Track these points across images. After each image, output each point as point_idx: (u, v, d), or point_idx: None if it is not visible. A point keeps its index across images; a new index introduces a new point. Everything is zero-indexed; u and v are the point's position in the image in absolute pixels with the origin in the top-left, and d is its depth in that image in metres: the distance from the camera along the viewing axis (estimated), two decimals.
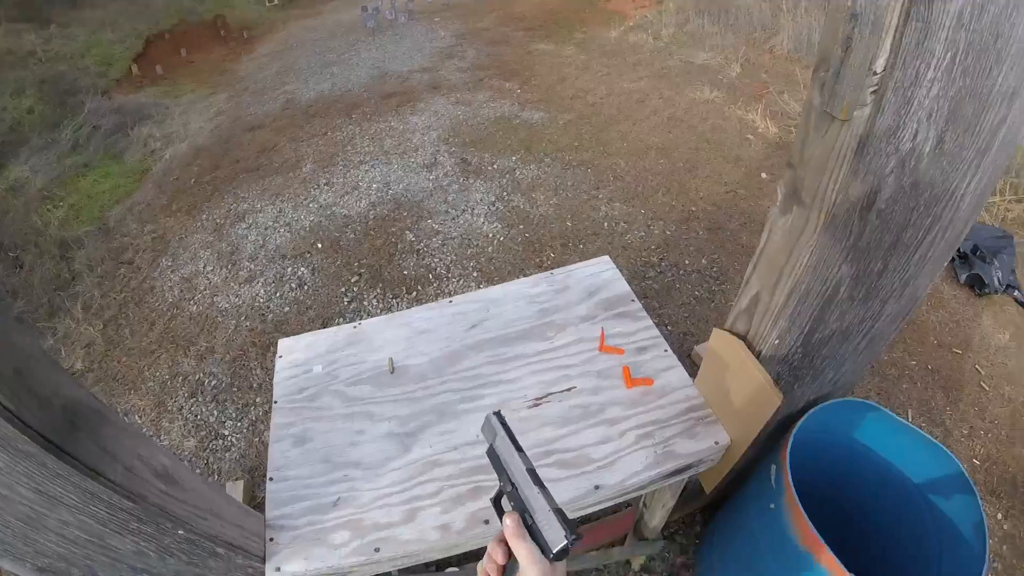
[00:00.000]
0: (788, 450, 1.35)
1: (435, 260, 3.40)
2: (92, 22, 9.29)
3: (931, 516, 1.58)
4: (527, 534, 0.63)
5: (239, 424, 2.74)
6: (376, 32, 8.28)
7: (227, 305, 3.39)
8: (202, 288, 3.55)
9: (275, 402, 1.45)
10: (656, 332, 1.53)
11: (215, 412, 2.78)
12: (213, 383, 2.96)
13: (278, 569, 1.13)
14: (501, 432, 0.72)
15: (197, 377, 3.00)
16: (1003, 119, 0.87)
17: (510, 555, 0.65)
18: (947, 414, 2.96)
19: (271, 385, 1.51)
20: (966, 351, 3.26)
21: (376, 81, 6.27)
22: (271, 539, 1.17)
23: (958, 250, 3.37)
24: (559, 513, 0.61)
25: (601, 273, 1.69)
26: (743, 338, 1.27)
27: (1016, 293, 3.50)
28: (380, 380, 1.45)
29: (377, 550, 1.13)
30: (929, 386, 3.03)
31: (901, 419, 1.52)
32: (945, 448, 1.54)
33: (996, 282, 3.40)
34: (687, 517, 2.20)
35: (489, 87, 5.73)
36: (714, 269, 3.33)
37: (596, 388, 1.37)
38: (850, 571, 1.19)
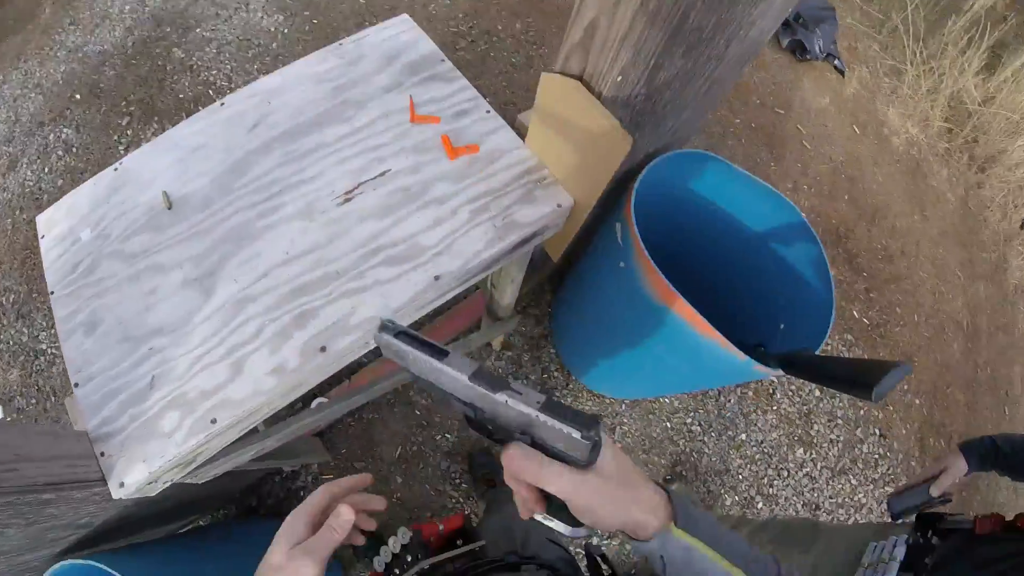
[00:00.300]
0: (632, 205, 1.25)
1: (213, 73, 2.85)
2: None
3: (776, 266, 1.60)
4: (540, 456, 0.46)
5: (54, 332, 2.37)
6: None
7: None
8: None
9: (51, 293, 1.15)
10: (474, 92, 1.30)
11: (24, 330, 2.40)
12: (11, 299, 2.51)
13: (121, 484, 0.96)
14: (407, 348, 0.48)
15: None
16: None
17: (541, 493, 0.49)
18: (772, 170, 3.10)
19: None
20: (788, 112, 3.36)
21: None
22: (101, 453, 0.98)
23: None
24: (552, 408, 0.43)
25: (400, 35, 1.38)
26: (579, 79, 1.08)
27: (836, 62, 3.67)
28: (158, 222, 1.16)
29: (214, 421, 0.97)
30: (754, 143, 3.12)
31: (742, 169, 1.47)
32: (785, 197, 1.53)
33: (817, 49, 3.52)
34: (536, 288, 2.23)
35: None
36: (530, 33, 3.04)
37: (415, 166, 1.17)
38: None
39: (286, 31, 3.00)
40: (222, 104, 1.29)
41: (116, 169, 1.26)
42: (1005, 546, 1.02)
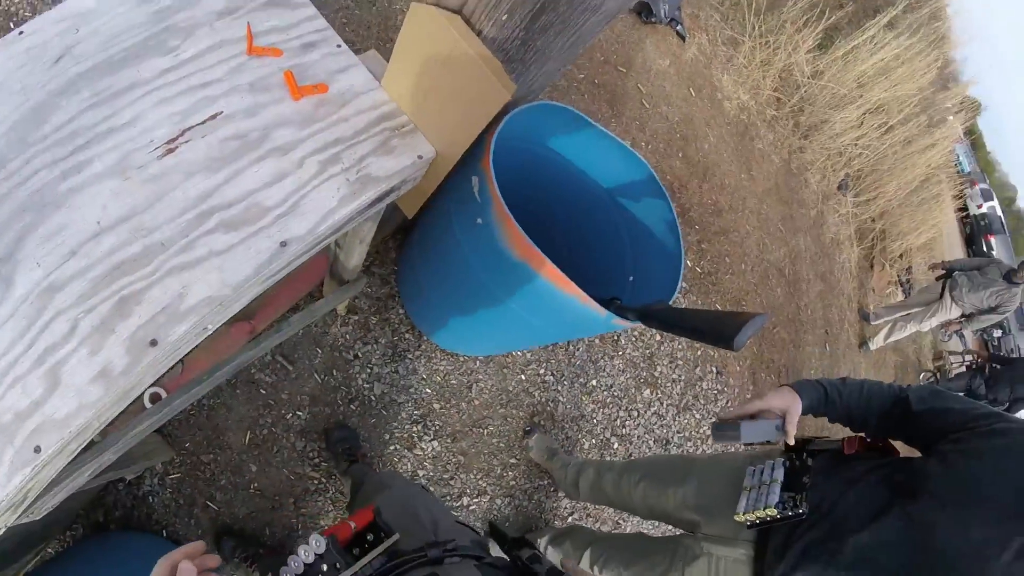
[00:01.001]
0: (491, 158, 1.18)
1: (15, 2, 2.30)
2: None
3: (625, 221, 1.63)
4: None
5: None
6: None
7: None
8: None
9: None
10: (324, 23, 1.15)
11: None
12: None
13: None
14: None
15: None
16: None
17: None
18: (612, 126, 3.21)
19: None
20: (629, 71, 3.44)
21: None
22: None
23: None
24: None
25: None
26: (459, 13, 0.98)
27: (679, 27, 3.85)
28: None
29: (38, 449, 0.77)
30: (596, 99, 3.17)
31: (598, 124, 1.45)
32: (638, 154, 1.53)
33: (663, 14, 3.66)
34: (379, 245, 2.10)
35: None
36: None
37: (252, 107, 1.00)
38: None
39: None
40: (20, 33, 0.99)
41: None
42: (868, 463, 1.15)
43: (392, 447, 2.02)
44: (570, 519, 2.38)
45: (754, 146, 4.42)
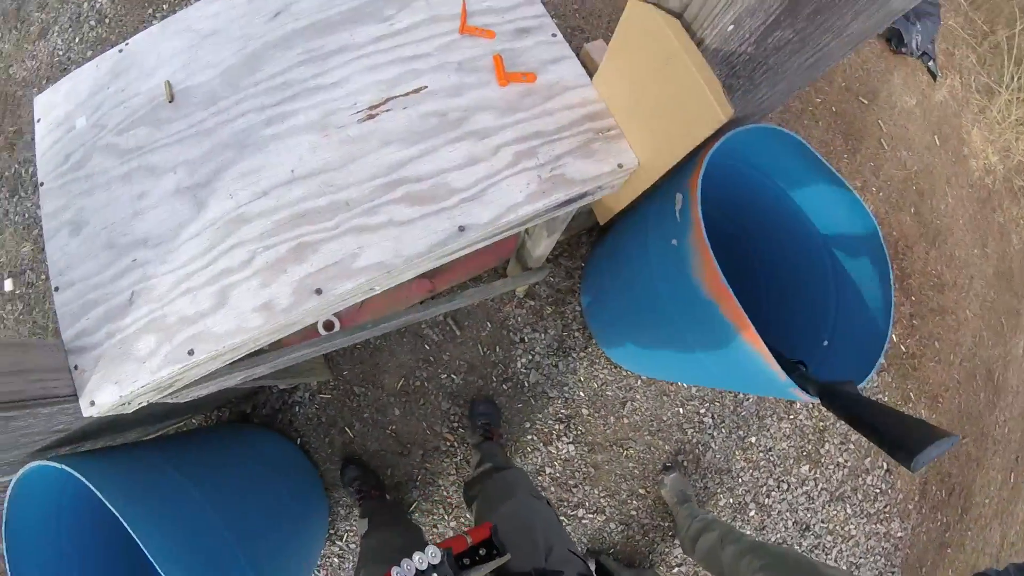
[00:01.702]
0: (699, 180, 1.04)
1: None
2: None
3: (835, 276, 1.45)
4: None
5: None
6: None
7: (25, 74, 2.64)
8: None
9: (40, 184, 1.02)
10: (542, 9, 1.09)
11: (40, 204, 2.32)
12: (31, 170, 2.42)
13: (92, 403, 0.86)
14: None
15: (13, 169, 2.46)
16: None
17: None
18: (844, 161, 2.87)
19: None
20: (872, 103, 3.09)
21: None
22: (75, 367, 0.87)
23: None
24: None
25: None
26: (679, 17, 0.87)
27: (930, 63, 3.43)
28: (158, 115, 0.99)
29: (191, 352, 0.84)
30: (831, 129, 2.87)
31: (828, 163, 1.30)
32: (864, 204, 1.32)
33: (915, 44, 3.30)
34: (571, 238, 2.08)
35: None
36: None
37: (457, 87, 0.97)
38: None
39: None
40: None
41: (121, 51, 1.09)
42: None
43: (529, 436, 2.02)
44: (675, 571, 2.20)
45: (994, 218, 3.75)
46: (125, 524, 0.86)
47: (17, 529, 1.06)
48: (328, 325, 1.68)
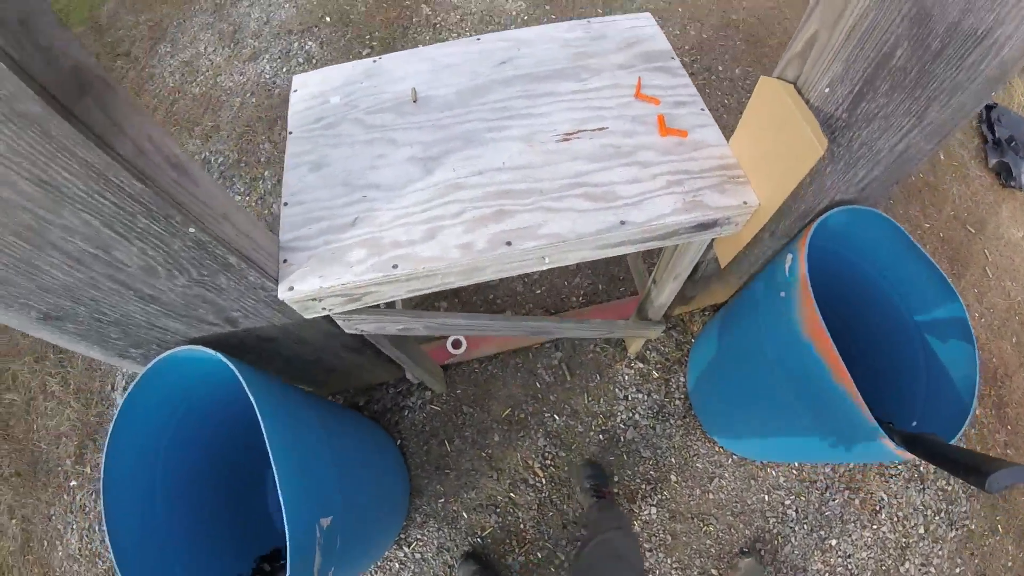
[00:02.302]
0: (808, 239, 1.30)
1: (451, 36, 3.16)
2: None
3: (925, 358, 1.56)
4: None
5: (248, 199, 2.71)
6: None
7: (231, 84, 3.21)
8: (204, 70, 3.35)
9: (290, 132, 1.37)
10: (694, 90, 1.41)
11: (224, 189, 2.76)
12: (220, 160, 2.88)
13: (291, 288, 1.10)
14: None
15: (203, 156, 2.91)
16: None
17: None
18: None
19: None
20: (979, 232, 3.22)
21: None
22: (284, 261, 1.14)
23: (992, 133, 3.32)
24: None
25: (642, 28, 1.53)
26: (793, 83, 1.16)
27: None
28: (402, 109, 1.36)
29: (395, 266, 1.11)
30: (937, 253, 3.00)
31: (923, 250, 1.46)
32: (960, 298, 1.45)
33: (1023, 178, 3.37)
34: (686, 315, 2.28)
35: None
36: (747, 81, 3.12)
37: (629, 131, 1.29)
38: None
39: (525, 18, 3.29)
40: (478, 40, 1.49)
41: (375, 61, 1.48)
42: None
43: (616, 490, 2.11)
44: None
45: None
46: (259, 415, 1.05)
47: (140, 401, 1.22)
48: (456, 344, 1.96)
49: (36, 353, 2.62)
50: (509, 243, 1.11)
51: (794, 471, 2.32)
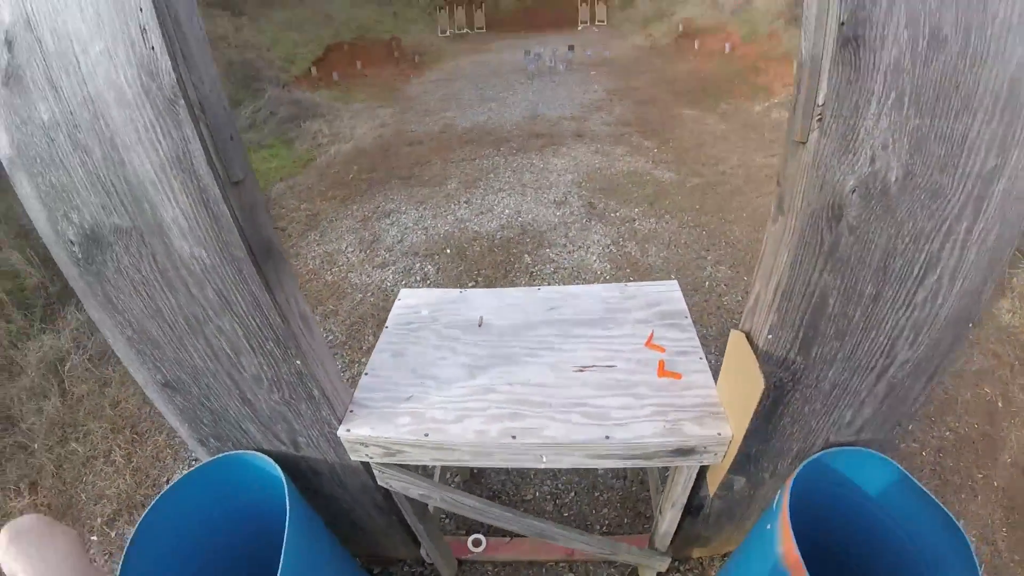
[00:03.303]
0: (794, 477, 1.49)
1: (544, 284, 3.84)
2: (281, 21, 10.74)
3: None
4: None
5: (346, 374, 3.27)
6: (535, 76, 9.02)
7: (358, 281, 4.01)
8: (340, 263, 4.21)
9: (386, 327, 1.95)
10: (697, 343, 1.82)
11: None
12: (330, 338, 3.54)
13: (348, 430, 1.55)
14: None
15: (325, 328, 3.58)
16: (995, 168, 0.99)
17: None
18: (1001, 535, 2.80)
19: None
20: None
21: (527, 121, 6.94)
22: (351, 410, 1.62)
23: None
24: None
25: (667, 292, 2.02)
26: (747, 334, 1.46)
27: None
28: (469, 329, 1.89)
29: (427, 435, 1.53)
30: (990, 503, 2.90)
31: (932, 496, 1.45)
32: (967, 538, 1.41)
33: None
34: (707, 559, 2.38)
35: (628, 143, 6.19)
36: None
37: (633, 371, 1.70)
38: None
39: (607, 278, 3.98)
40: (539, 289, 2.05)
41: (461, 292, 2.06)
42: None
43: None
44: None
45: None
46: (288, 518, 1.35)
47: (185, 488, 1.51)
48: (476, 542, 2.27)
49: (115, 424, 3.07)
50: (514, 436, 1.51)
51: None
